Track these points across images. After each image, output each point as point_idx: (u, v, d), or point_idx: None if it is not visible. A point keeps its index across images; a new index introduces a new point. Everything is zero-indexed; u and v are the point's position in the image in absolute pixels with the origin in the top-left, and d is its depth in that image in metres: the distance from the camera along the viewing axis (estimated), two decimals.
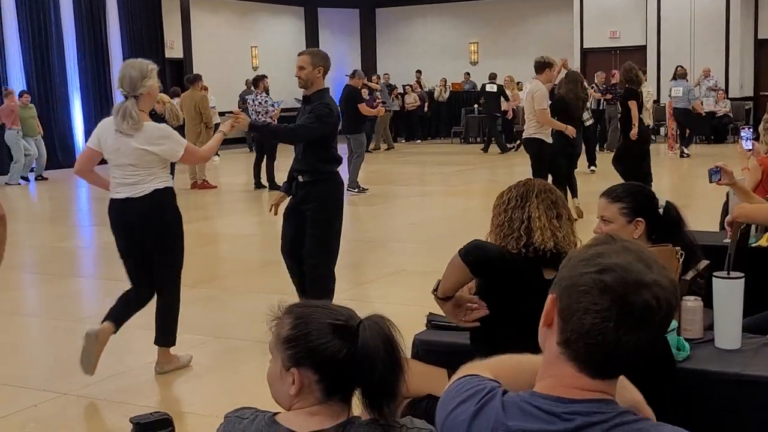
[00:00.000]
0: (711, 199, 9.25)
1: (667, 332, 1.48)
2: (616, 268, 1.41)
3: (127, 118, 4.67)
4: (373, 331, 1.71)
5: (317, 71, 5.40)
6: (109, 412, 4.44)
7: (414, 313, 5.96)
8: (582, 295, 1.41)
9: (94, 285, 7.83)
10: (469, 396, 1.53)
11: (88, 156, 4.97)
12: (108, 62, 19.57)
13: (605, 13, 21.89)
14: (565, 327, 1.43)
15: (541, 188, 2.87)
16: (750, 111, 20.41)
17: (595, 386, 1.45)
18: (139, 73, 4.80)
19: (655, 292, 1.40)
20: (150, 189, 4.79)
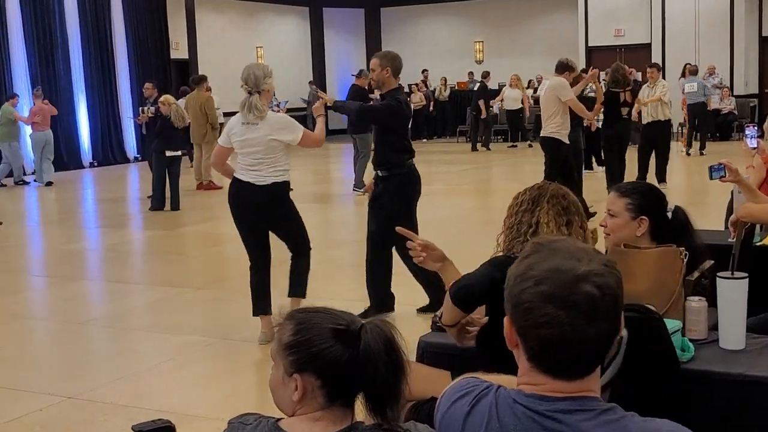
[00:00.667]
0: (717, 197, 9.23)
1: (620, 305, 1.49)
2: (548, 274, 1.44)
3: (253, 109, 5.36)
4: (374, 335, 1.71)
5: (385, 72, 5.75)
6: (114, 416, 4.45)
7: (421, 314, 5.98)
8: (529, 312, 1.45)
9: (101, 287, 7.84)
10: (466, 393, 1.57)
11: (221, 153, 5.67)
12: (113, 64, 19.60)
13: (610, 12, 21.85)
14: (527, 344, 1.47)
15: (554, 193, 2.84)
16: (755, 108, 20.36)
17: (576, 387, 1.48)
18: (262, 73, 5.51)
19: (593, 281, 1.43)
20: (270, 181, 5.47)
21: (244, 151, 5.44)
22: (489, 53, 25.01)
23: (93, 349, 5.91)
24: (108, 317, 6.61)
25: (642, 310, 2.44)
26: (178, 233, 10.44)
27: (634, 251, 2.91)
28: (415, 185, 5.95)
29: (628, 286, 2.79)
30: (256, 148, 5.39)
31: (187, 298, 6.98)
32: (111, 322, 6.42)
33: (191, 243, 9.86)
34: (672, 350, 2.48)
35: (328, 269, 7.94)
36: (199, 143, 14.03)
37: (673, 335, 2.53)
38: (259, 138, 5.37)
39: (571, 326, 1.42)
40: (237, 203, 5.58)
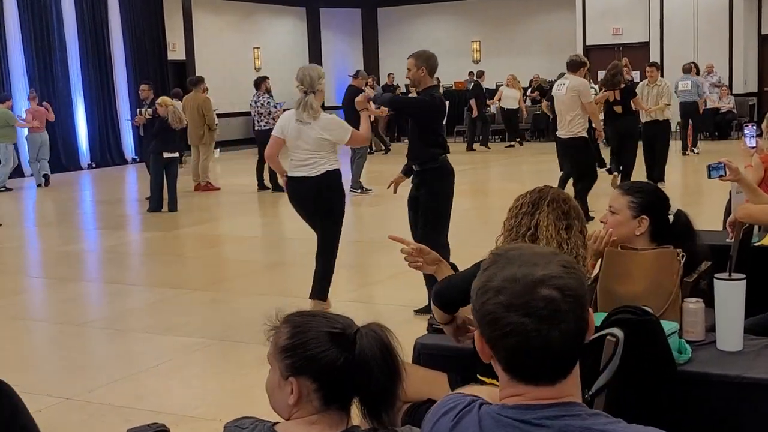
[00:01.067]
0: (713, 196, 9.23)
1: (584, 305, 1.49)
2: (506, 284, 1.46)
3: (308, 108, 5.71)
4: (370, 339, 1.71)
5: (421, 71, 5.96)
6: (113, 417, 4.44)
7: (417, 316, 5.97)
8: (494, 324, 1.46)
9: (99, 289, 7.83)
10: (450, 409, 1.57)
11: (276, 143, 5.99)
12: (111, 65, 19.58)
13: (608, 10, 21.84)
14: (498, 355, 1.49)
15: (554, 197, 2.84)
16: (754, 107, 20.36)
17: (557, 391, 1.48)
18: (317, 74, 5.84)
19: (551, 284, 1.45)
20: (323, 170, 5.78)
21: (296, 146, 5.81)
22: (486, 53, 25.01)
23: (91, 350, 5.91)
24: (106, 318, 6.60)
25: (639, 311, 2.44)
26: (176, 234, 10.43)
27: (631, 253, 2.91)
28: (448, 179, 6.04)
29: (625, 287, 2.82)
30: (307, 145, 5.76)
31: (185, 299, 6.98)
32: (109, 324, 6.42)
33: (189, 244, 9.85)
34: (669, 352, 2.48)
35: None
36: (197, 145, 14.01)
37: (670, 337, 2.53)
38: (311, 136, 5.74)
39: (537, 332, 1.43)
40: (298, 199, 5.96)
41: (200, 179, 14.03)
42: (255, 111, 13.63)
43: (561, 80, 9.54)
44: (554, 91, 9.57)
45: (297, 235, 10.14)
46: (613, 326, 2.40)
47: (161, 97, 12.26)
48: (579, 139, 9.23)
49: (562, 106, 9.31)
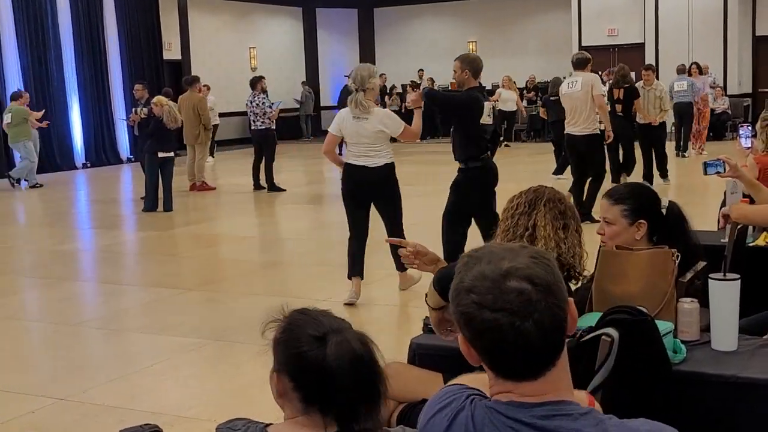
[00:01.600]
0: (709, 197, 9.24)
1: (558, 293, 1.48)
2: (475, 282, 1.46)
3: (359, 105, 6.16)
4: (340, 349, 1.68)
5: (465, 73, 6.34)
6: (107, 417, 4.43)
7: (412, 315, 5.97)
8: (470, 323, 1.47)
9: (94, 289, 7.82)
10: (446, 405, 1.56)
11: (332, 140, 6.48)
12: (106, 65, 19.56)
13: (603, 11, 21.87)
14: (480, 354, 1.49)
15: (550, 197, 2.84)
16: (748, 108, 20.40)
17: (545, 385, 1.48)
18: (367, 73, 6.20)
19: (519, 275, 1.45)
20: (382, 163, 6.29)
21: (355, 141, 6.30)
22: (482, 53, 24.92)
23: (86, 350, 5.89)
24: (101, 318, 6.59)
25: (633, 311, 2.44)
26: (171, 234, 10.42)
27: (626, 252, 2.91)
28: (490, 178, 6.37)
29: (620, 287, 2.82)
30: (366, 139, 6.22)
31: (181, 299, 6.97)
32: (104, 324, 6.41)
33: (185, 244, 9.84)
34: (664, 352, 2.48)
35: (322, 270, 7.94)
36: (192, 144, 13.99)
37: (665, 337, 2.53)
38: (368, 130, 6.19)
39: (510, 325, 1.43)
40: (353, 181, 6.39)
41: (195, 179, 14.02)
42: (251, 111, 13.61)
43: (571, 79, 9.53)
44: (565, 90, 9.51)
45: (293, 235, 10.15)
46: (608, 326, 2.40)
47: (157, 97, 12.24)
48: (595, 136, 9.27)
49: (577, 103, 9.27)
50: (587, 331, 2.43)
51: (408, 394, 2.82)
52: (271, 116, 13.59)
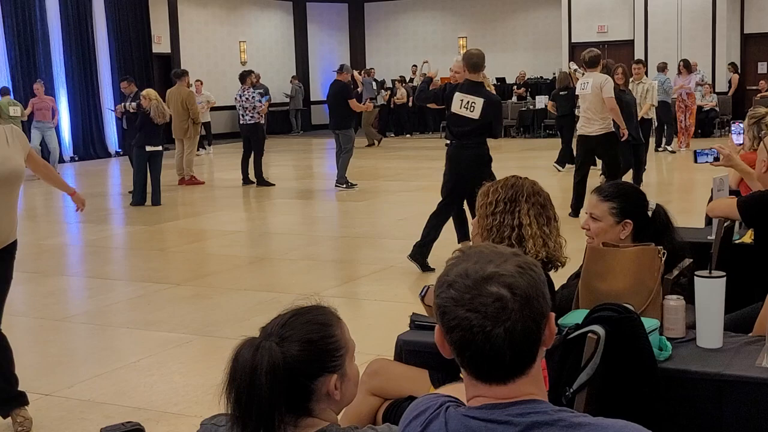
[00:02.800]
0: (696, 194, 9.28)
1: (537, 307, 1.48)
2: (457, 278, 1.47)
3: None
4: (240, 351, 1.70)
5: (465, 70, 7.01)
6: (92, 413, 4.41)
7: (400, 311, 5.96)
8: (444, 317, 1.48)
9: (81, 283, 7.79)
10: (420, 412, 1.57)
11: None
12: (95, 58, 19.47)
13: (593, 8, 21.91)
14: (453, 350, 1.49)
15: (530, 191, 2.81)
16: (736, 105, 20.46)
17: (516, 390, 1.48)
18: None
19: (501, 282, 1.45)
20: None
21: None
22: None
23: (71, 345, 5.87)
24: (87, 313, 6.56)
25: (620, 309, 2.44)
26: (159, 229, 10.38)
27: (613, 250, 2.91)
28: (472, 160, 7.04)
29: (607, 284, 2.82)
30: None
31: (168, 294, 6.94)
32: (90, 319, 6.38)
33: (172, 239, 9.80)
34: (649, 349, 2.48)
35: (310, 264, 7.92)
36: (181, 138, 13.95)
37: (650, 334, 2.53)
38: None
39: (481, 328, 1.43)
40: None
41: (184, 173, 13.98)
42: (240, 105, 13.57)
43: (584, 79, 9.52)
44: (579, 90, 9.59)
45: (281, 229, 10.13)
46: (594, 323, 2.40)
47: (146, 90, 12.20)
48: (611, 134, 9.28)
49: (589, 105, 9.29)
50: (574, 328, 2.43)
51: (394, 391, 2.82)
52: (260, 111, 13.55)
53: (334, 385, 1.71)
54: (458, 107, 7.00)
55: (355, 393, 1.82)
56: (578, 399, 2.35)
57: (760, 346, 2.63)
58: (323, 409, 1.71)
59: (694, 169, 12.34)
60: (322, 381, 1.70)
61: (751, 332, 2.85)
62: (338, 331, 1.75)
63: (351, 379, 1.76)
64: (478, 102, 6.92)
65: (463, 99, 6.98)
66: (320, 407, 1.71)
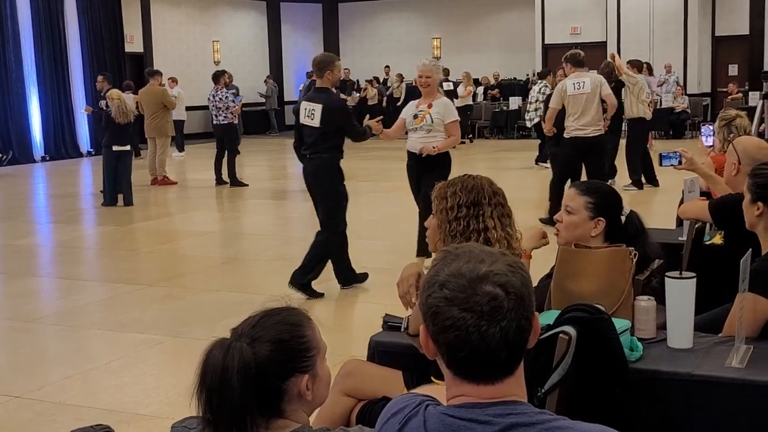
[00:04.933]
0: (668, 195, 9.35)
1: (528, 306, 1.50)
2: (450, 278, 1.47)
3: None
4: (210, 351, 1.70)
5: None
6: (63, 415, 4.37)
7: (373, 311, 5.95)
8: (435, 317, 1.47)
9: (51, 284, 7.71)
10: (399, 410, 1.57)
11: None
12: (66, 57, 19.28)
13: (567, 10, 22.04)
14: (441, 350, 1.49)
15: (490, 192, 2.80)
16: (707, 107, 20.68)
17: (501, 390, 1.49)
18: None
19: (495, 280, 1.45)
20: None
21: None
22: (446, 49, 25.08)
23: (42, 347, 5.81)
24: (58, 315, 6.50)
25: (591, 309, 2.45)
26: (131, 229, 10.31)
27: (585, 251, 2.92)
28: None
29: (579, 285, 2.83)
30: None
31: (140, 295, 6.89)
32: (61, 320, 6.31)
33: (144, 239, 9.73)
34: (620, 349, 2.50)
35: (283, 265, 7.90)
36: (153, 137, 13.88)
37: (622, 334, 2.55)
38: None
39: (476, 327, 1.44)
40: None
41: (157, 173, 13.89)
42: (213, 105, 13.51)
43: (576, 80, 9.06)
44: (571, 90, 9.03)
45: (254, 230, 10.09)
46: (566, 324, 2.41)
47: (111, 90, 12.12)
48: (603, 137, 9.12)
49: (586, 104, 8.95)
50: (545, 329, 2.44)
51: (367, 392, 2.82)
52: (233, 111, 13.50)
53: (306, 385, 1.70)
54: (303, 116, 6.55)
55: (327, 394, 1.81)
56: (550, 399, 2.36)
57: (729, 347, 2.65)
58: (294, 410, 1.71)
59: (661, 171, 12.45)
60: (294, 381, 1.69)
61: (721, 333, 2.87)
62: (309, 331, 1.75)
63: (323, 380, 1.75)
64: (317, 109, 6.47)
65: (306, 107, 6.54)
66: (292, 408, 1.70)
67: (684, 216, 3.82)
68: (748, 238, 3.04)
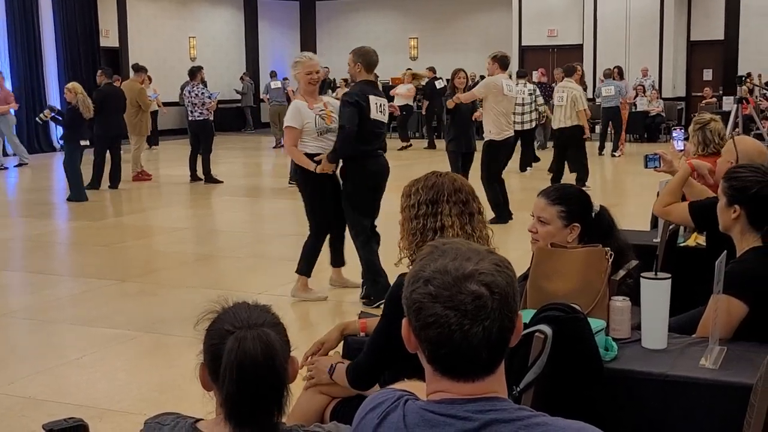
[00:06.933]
0: (642, 197, 9.41)
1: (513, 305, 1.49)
2: (435, 275, 1.47)
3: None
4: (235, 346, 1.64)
5: (357, 66, 6.29)
6: (33, 410, 4.32)
7: (349, 309, 5.95)
8: (419, 312, 1.47)
9: (22, 278, 7.62)
10: (377, 405, 1.56)
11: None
12: (40, 52, 19.06)
13: (544, 12, 22.13)
14: (423, 346, 1.49)
15: (450, 190, 2.74)
16: (682, 111, 20.85)
17: (480, 388, 1.48)
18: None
19: (480, 280, 1.45)
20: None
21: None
22: (423, 49, 25.09)
23: (12, 341, 5.74)
24: (28, 309, 6.43)
25: (567, 309, 2.46)
26: (104, 224, 10.22)
27: (561, 251, 2.93)
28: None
29: (554, 285, 2.84)
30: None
31: (112, 290, 6.83)
32: (32, 314, 6.25)
33: (118, 234, 9.64)
34: (595, 349, 2.50)
35: (258, 262, 7.87)
36: (133, 134, 13.81)
37: (597, 334, 2.55)
38: None
39: (459, 326, 1.43)
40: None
41: (132, 169, 13.81)
42: (189, 101, 13.43)
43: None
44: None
45: (228, 227, 10.04)
46: (541, 323, 2.41)
47: (71, 84, 12.04)
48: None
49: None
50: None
51: (341, 390, 2.80)
52: (209, 107, 13.43)
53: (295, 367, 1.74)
54: (374, 111, 6.19)
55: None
56: (525, 398, 2.36)
57: (703, 348, 2.67)
58: None
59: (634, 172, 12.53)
60: (290, 363, 1.71)
61: (695, 334, 2.89)
62: None
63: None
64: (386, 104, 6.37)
65: (377, 102, 6.23)
66: None
67: (667, 217, 3.82)
68: (730, 240, 3.06)
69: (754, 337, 2.75)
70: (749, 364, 2.52)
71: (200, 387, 1.75)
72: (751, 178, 2.99)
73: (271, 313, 1.75)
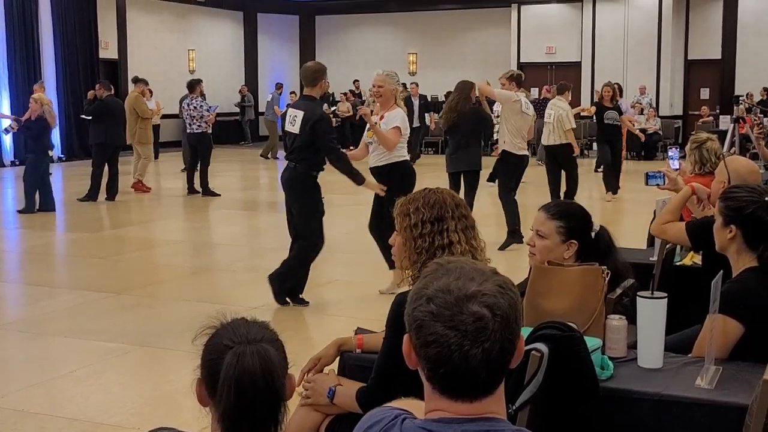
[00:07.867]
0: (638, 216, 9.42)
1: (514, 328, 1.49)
2: (438, 293, 1.46)
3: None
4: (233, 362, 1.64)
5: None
6: (25, 424, 4.30)
7: (345, 324, 5.94)
8: (420, 330, 1.46)
9: (18, 290, 7.60)
10: (375, 423, 1.56)
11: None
12: (39, 62, 19.08)
13: (542, 29, 22.22)
14: (422, 363, 1.48)
15: (452, 205, 2.73)
16: (679, 129, 20.91)
17: (480, 408, 1.48)
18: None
19: (483, 301, 1.45)
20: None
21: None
22: (422, 65, 25.17)
23: (6, 354, 5.72)
24: (23, 321, 6.41)
25: (563, 327, 2.45)
26: (100, 236, 10.21)
27: (558, 269, 2.93)
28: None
29: (551, 303, 2.84)
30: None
31: (108, 303, 6.82)
32: (26, 327, 6.23)
33: (114, 247, 9.63)
34: (591, 368, 2.50)
35: (254, 276, 7.85)
36: (132, 142, 13.85)
37: (593, 353, 2.55)
38: None
39: (459, 346, 1.43)
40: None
41: (133, 176, 13.82)
42: (187, 114, 13.45)
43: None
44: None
45: (225, 240, 10.03)
46: (537, 341, 2.41)
47: (37, 94, 12.11)
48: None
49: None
50: None
51: (335, 407, 2.79)
52: (208, 120, 13.44)
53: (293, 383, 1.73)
54: (287, 122, 6.61)
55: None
56: (520, 416, 2.36)
57: (699, 367, 2.67)
58: None
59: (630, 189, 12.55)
60: (288, 379, 1.71)
61: (691, 353, 2.89)
62: None
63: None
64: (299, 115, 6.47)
65: (290, 113, 6.61)
66: None
67: (664, 236, 3.83)
68: (727, 260, 3.06)
69: (749, 357, 2.75)
70: (745, 384, 2.52)
71: (196, 401, 1.75)
72: (746, 198, 2.99)
73: (269, 329, 1.75)
